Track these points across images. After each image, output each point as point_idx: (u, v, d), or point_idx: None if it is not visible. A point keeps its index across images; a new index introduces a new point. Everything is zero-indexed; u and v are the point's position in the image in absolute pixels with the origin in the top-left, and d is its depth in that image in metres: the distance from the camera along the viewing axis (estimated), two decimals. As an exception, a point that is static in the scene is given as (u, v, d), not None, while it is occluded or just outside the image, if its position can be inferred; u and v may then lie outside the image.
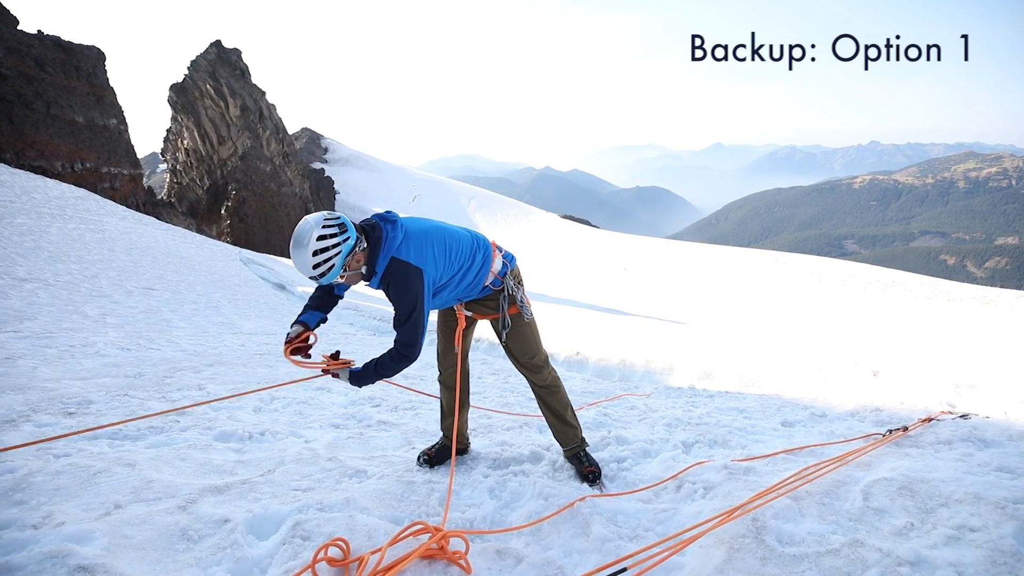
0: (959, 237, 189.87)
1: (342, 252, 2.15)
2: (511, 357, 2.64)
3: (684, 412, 4.16)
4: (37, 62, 31.58)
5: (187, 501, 2.17)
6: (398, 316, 2.30)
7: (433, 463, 2.73)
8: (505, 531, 2.12)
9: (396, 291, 2.29)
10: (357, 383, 2.42)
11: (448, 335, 2.69)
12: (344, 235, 2.16)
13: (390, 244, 2.28)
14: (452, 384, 2.72)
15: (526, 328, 2.59)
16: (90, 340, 6.06)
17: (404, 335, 2.30)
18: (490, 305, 2.58)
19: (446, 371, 2.73)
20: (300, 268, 2.14)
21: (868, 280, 30.72)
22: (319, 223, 2.13)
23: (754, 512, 1.97)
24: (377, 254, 2.27)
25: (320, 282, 2.19)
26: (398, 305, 2.29)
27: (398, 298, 2.28)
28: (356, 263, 2.24)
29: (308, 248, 2.09)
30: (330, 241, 2.12)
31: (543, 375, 2.65)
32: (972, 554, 1.67)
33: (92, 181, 32.13)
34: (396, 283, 2.28)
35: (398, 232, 2.30)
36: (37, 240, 11.69)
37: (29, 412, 3.28)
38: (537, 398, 2.71)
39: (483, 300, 2.59)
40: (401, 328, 2.30)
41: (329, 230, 2.13)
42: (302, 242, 2.10)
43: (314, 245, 2.10)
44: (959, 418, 3.12)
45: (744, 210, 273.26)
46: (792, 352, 8.60)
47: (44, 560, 1.66)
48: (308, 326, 2.51)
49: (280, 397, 4.46)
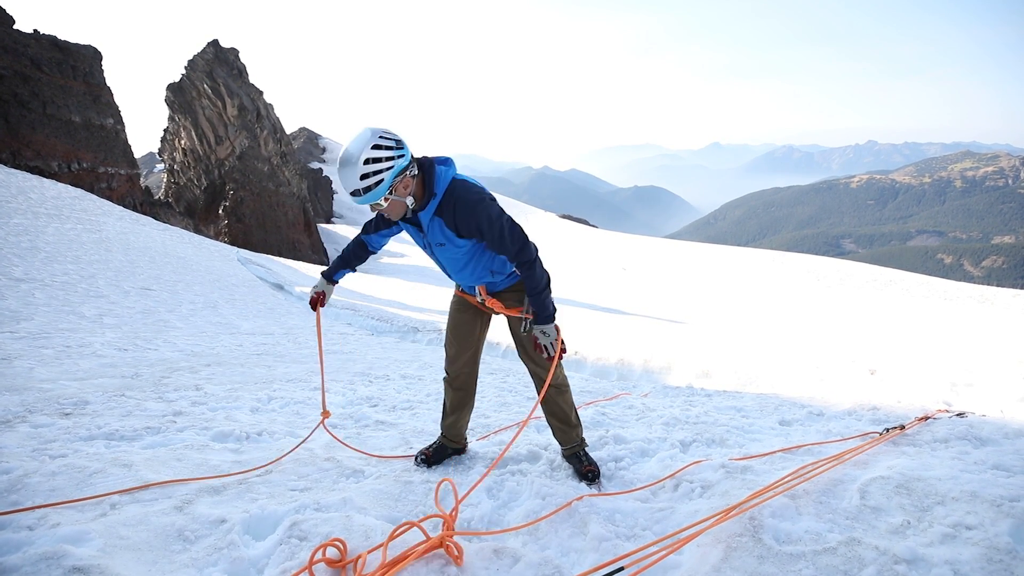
0: (956, 236, 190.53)
1: (394, 169, 2.03)
2: (524, 354, 2.57)
3: (682, 411, 4.17)
4: (33, 61, 31.44)
5: (183, 502, 2.16)
6: (484, 233, 2.16)
7: (431, 463, 2.71)
8: (504, 531, 2.11)
9: (464, 212, 2.15)
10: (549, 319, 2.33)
11: (461, 330, 2.62)
12: (400, 151, 2.04)
13: (450, 169, 2.19)
14: (461, 384, 2.68)
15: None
16: (87, 340, 6.04)
17: (513, 243, 2.17)
18: (513, 298, 2.52)
19: (455, 370, 2.66)
20: (346, 181, 2.01)
21: (865, 279, 30.81)
22: (376, 134, 2.00)
23: (751, 511, 1.98)
24: (434, 178, 2.15)
25: (361, 200, 2.05)
26: (480, 224, 2.15)
27: (469, 217, 2.14)
28: (404, 188, 2.11)
29: (359, 159, 1.97)
30: (384, 153, 2.00)
31: (556, 374, 2.58)
32: (968, 552, 1.67)
33: (89, 181, 32.01)
34: (465, 203, 2.14)
35: (454, 167, 2.24)
36: (33, 240, 11.65)
37: (25, 413, 3.27)
38: (544, 398, 2.62)
39: (506, 291, 2.51)
40: (503, 241, 2.17)
41: (385, 142, 2.01)
42: (354, 154, 1.97)
43: (368, 154, 1.97)
44: (956, 416, 3.13)
45: (742, 209, 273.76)
46: (790, 351, 8.62)
47: (39, 561, 1.65)
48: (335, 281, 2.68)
49: (278, 397, 4.45)
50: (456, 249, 2.31)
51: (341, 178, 2.01)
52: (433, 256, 2.43)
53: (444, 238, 2.27)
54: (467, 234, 2.23)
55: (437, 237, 2.28)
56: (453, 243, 2.28)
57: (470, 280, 2.47)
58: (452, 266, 2.42)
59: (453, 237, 2.26)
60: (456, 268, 2.42)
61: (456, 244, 2.28)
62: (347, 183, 2.01)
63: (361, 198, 2.04)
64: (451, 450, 2.81)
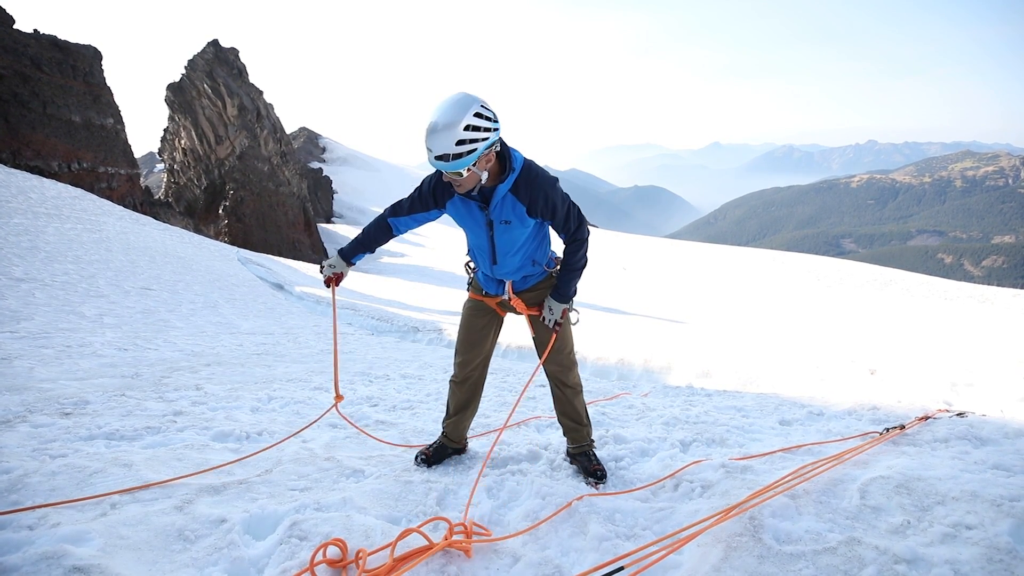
0: (956, 236, 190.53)
1: (488, 141, 1.99)
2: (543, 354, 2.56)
3: (682, 411, 4.17)
4: (33, 61, 31.45)
5: (184, 501, 2.16)
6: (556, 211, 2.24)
7: (431, 462, 2.71)
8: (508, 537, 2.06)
9: (540, 189, 2.19)
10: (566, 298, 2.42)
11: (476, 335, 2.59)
12: (496, 125, 2.01)
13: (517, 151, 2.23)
14: (469, 387, 2.66)
15: (567, 325, 2.53)
16: (87, 340, 6.05)
17: (575, 221, 2.29)
18: (534, 298, 2.52)
19: (464, 374, 2.64)
20: (436, 144, 1.92)
21: (865, 279, 30.80)
22: (478, 102, 1.93)
23: (751, 510, 1.98)
24: (510, 156, 2.18)
25: (446, 166, 1.97)
26: (554, 204, 2.23)
27: (545, 195, 2.20)
28: (485, 163, 2.08)
29: (459, 124, 1.89)
30: (483, 123, 1.95)
31: (573, 374, 2.59)
32: (968, 552, 1.67)
33: (89, 181, 32.02)
34: (543, 182, 2.20)
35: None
36: (34, 240, 11.65)
37: (25, 413, 3.27)
38: (559, 399, 2.62)
39: (531, 289, 2.51)
40: (568, 221, 2.28)
41: (486, 112, 1.96)
42: (454, 118, 1.89)
43: (469, 120, 1.91)
44: (956, 416, 3.13)
45: (742, 209, 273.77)
46: (790, 351, 8.62)
47: (39, 561, 1.65)
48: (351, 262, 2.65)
49: (278, 397, 4.45)
50: (520, 229, 2.29)
51: (430, 140, 1.93)
52: (487, 237, 2.36)
53: (513, 215, 2.25)
54: (537, 213, 2.24)
55: (506, 214, 2.25)
56: (521, 222, 2.26)
57: (512, 267, 2.43)
58: (505, 248, 2.37)
59: (523, 215, 2.24)
60: (507, 251, 2.37)
61: (523, 223, 2.27)
62: (438, 146, 1.92)
63: (447, 164, 1.97)
64: (451, 450, 2.80)
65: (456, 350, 2.67)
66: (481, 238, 2.38)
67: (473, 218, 2.33)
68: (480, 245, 2.43)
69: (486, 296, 2.59)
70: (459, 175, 2.05)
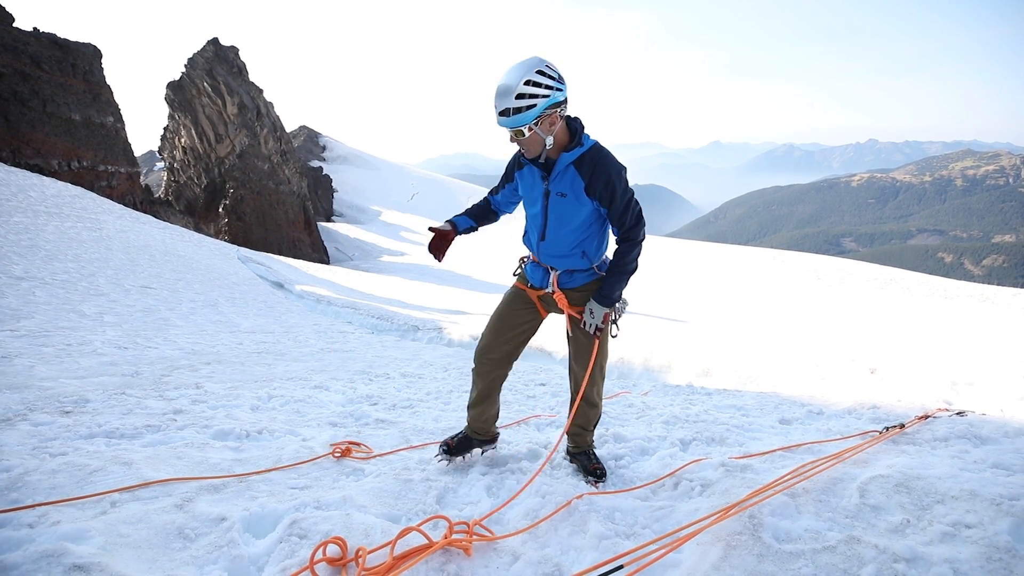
0: (956, 235, 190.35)
1: (549, 99, 2.04)
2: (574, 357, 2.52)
3: (682, 410, 4.17)
4: (33, 60, 31.41)
5: (184, 499, 2.16)
6: (614, 198, 2.20)
7: (452, 453, 2.64)
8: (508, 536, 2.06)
9: (604, 170, 2.19)
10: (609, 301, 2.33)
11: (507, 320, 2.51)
12: (559, 86, 2.08)
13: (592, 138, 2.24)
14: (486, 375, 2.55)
15: (606, 335, 2.48)
16: (87, 339, 6.05)
17: (632, 218, 2.25)
18: (579, 298, 2.44)
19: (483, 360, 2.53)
20: (500, 100, 2.02)
21: (866, 278, 30.76)
22: (542, 63, 2.04)
23: (751, 509, 1.98)
24: (581, 131, 2.21)
25: (509, 122, 2.05)
26: (614, 189, 2.20)
27: (608, 176, 2.19)
28: (549, 126, 2.11)
29: (520, 80, 1.99)
30: (544, 80, 2.03)
31: (598, 388, 2.55)
32: (968, 551, 1.67)
33: (89, 179, 31.99)
34: (609, 165, 2.19)
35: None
36: (34, 238, 11.65)
37: (25, 411, 3.27)
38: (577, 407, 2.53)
39: (577, 289, 2.44)
40: (624, 214, 2.24)
41: (549, 71, 2.04)
42: (516, 74, 2.00)
43: (531, 76, 2.00)
44: (956, 415, 3.13)
45: (742, 208, 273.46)
46: (790, 350, 8.62)
47: (39, 559, 1.65)
48: (456, 227, 2.52)
49: (278, 396, 4.46)
50: (576, 207, 2.26)
51: (495, 97, 2.04)
52: (542, 207, 2.34)
53: (571, 190, 2.24)
54: (596, 194, 2.22)
55: (564, 186, 2.25)
56: (577, 199, 2.24)
57: (559, 249, 2.37)
58: (557, 223, 2.33)
59: (580, 191, 2.23)
60: (558, 227, 2.33)
61: (579, 200, 2.25)
62: (500, 102, 2.02)
63: (509, 119, 2.04)
64: (476, 442, 2.70)
65: (483, 333, 2.56)
66: (536, 208, 2.37)
67: (535, 186, 2.34)
68: (534, 215, 2.40)
69: (530, 288, 2.52)
70: (521, 134, 2.09)
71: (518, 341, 2.55)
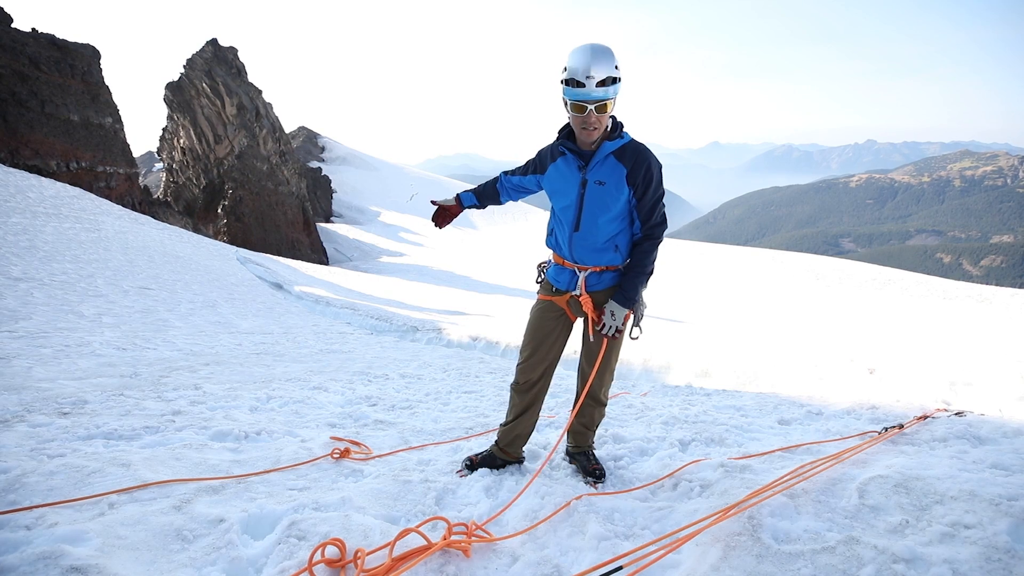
0: (955, 235, 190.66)
1: (621, 81, 2.11)
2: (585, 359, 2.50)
3: (681, 410, 4.17)
4: (31, 60, 31.36)
5: (182, 501, 2.15)
6: (649, 189, 2.27)
7: (474, 468, 2.62)
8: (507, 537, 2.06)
9: (645, 160, 2.26)
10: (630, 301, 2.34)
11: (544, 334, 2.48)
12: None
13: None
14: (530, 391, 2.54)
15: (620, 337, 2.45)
16: (85, 340, 6.04)
17: (659, 215, 2.32)
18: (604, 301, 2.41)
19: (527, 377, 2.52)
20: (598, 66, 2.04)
21: (864, 278, 30.80)
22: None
23: (750, 510, 1.97)
24: (621, 126, 2.30)
25: (596, 94, 2.07)
26: (651, 180, 2.27)
27: (648, 166, 2.26)
28: (612, 109, 2.18)
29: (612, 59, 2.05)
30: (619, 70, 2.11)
31: (607, 390, 2.56)
32: (967, 551, 1.67)
33: (87, 180, 31.94)
34: (649, 157, 2.27)
35: None
36: (32, 239, 11.63)
37: (23, 412, 3.26)
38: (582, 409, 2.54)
39: (603, 291, 2.41)
40: (654, 208, 2.31)
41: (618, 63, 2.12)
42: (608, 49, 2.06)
43: (615, 60, 2.07)
44: (954, 416, 3.13)
45: (741, 208, 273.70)
46: (789, 350, 8.62)
47: (37, 561, 1.65)
48: (462, 203, 2.68)
49: (276, 397, 4.45)
50: (614, 195, 2.27)
51: (594, 62, 2.04)
52: (577, 197, 2.33)
53: (611, 178, 2.27)
54: (635, 182, 2.27)
55: (603, 175, 2.27)
56: (617, 187, 2.27)
57: (593, 242, 2.35)
58: (592, 213, 2.31)
59: (621, 179, 2.26)
60: (593, 217, 2.31)
61: (618, 189, 2.27)
62: (601, 70, 2.04)
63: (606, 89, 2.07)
64: (501, 461, 2.66)
65: (520, 351, 2.55)
66: (570, 198, 2.35)
67: (570, 177, 2.35)
68: (567, 207, 2.37)
69: (556, 294, 2.49)
70: (604, 108, 2.12)
71: (555, 353, 2.54)
